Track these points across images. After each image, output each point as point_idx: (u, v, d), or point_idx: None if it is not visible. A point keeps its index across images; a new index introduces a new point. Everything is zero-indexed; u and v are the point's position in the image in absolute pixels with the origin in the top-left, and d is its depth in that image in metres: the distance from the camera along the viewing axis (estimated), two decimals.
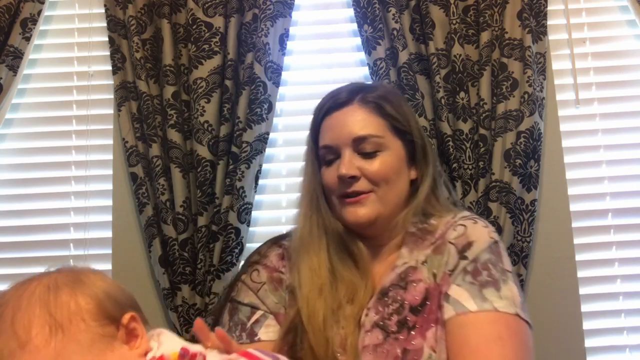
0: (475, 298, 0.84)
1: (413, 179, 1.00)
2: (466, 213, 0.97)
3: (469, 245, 0.89)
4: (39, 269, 1.78)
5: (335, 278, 0.92)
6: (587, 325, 1.54)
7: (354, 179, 0.93)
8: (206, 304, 1.50)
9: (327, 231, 0.96)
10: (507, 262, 0.90)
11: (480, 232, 0.91)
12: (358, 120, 0.96)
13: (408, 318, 0.86)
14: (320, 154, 0.99)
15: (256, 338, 0.92)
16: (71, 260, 1.64)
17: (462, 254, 0.89)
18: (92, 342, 0.62)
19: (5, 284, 1.79)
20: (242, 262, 1.56)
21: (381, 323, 0.86)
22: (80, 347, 0.61)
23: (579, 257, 1.57)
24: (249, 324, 0.94)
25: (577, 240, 1.58)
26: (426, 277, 0.89)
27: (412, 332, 0.84)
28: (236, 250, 1.52)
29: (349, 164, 0.94)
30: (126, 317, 0.66)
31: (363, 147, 0.95)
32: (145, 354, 0.65)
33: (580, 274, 1.56)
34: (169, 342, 0.68)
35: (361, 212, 0.93)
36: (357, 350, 0.85)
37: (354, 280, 0.92)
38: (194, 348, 0.65)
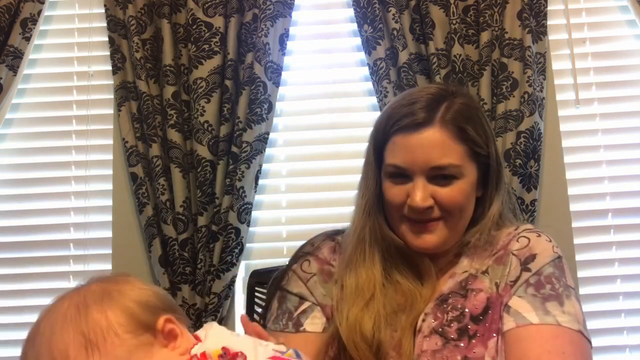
0: (538, 310, 0.81)
1: (478, 196, 0.94)
2: (529, 226, 0.94)
3: (532, 257, 0.87)
4: (39, 269, 1.79)
5: (390, 286, 0.89)
6: (587, 325, 1.53)
7: (428, 209, 0.87)
8: (206, 304, 1.50)
9: (381, 242, 0.91)
10: (570, 279, 0.88)
11: (544, 246, 0.89)
12: (437, 147, 0.87)
13: (469, 326, 0.84)
14: (387, 169, 0.91)
15: (301, 328, 0.91)
16: (71, 261, 1.65)
17: (524, 266, 0.87)
18: (130, 354, 0.62)
19: (5, 284, 1.78)
20: (241, 262, 1.57)
21: (440, 329, 0.85)
22: None
23: (579, 257, 1.57)
24: (295, 314, 0.92)
25: (577, 240, 1.58)
26: (487, 287, 0.87)
27: (474, 341, 0.83)
28: (236, 250, 1.52)
29: (424, 194, 0.87)
30: (160, 322, 0.65)
31: (439, 174, 0.88)
32: (189, 350, 0.65)
33: (580, 274, 1.56)
34: (214, 337, 0.67)
35: (430, 240, 0.89)
36: (412, 354, 0.84)
37: (413, 291, 0.88)
38: (238, 346, 0.65)
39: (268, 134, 1.58)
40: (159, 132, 1.58)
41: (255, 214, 1.60)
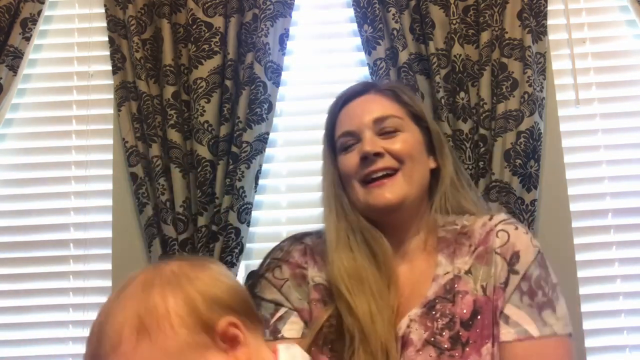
0: (537, 322, 0.85)
1: (433, 167, 0.99)
2: (504, 216, 0.96)
3: (516, 256, 0.89)
4: (39, 269, 1.79)
5: (363, 275, 0.90)
6: (587, 325, 1.54)
7: (378, 156, 0.92)
8: None
9: (354, 230, 0.94)
10: (553, 274, 0.92)
11: (525, 241, 0.91)
12: (376, 103, 0.97)
13: (460, 333, 0.85)
14: (339, 143, 0.98)
15: (279, 335, 0.90)
16: (71, 260, 1.65)
17: (511, 267, 0.89)
18: (181, 351, 0.55)
19: (5, 284, 1.79)
20: (240, 263, 1.57)
21: (432, 339, 0.84)
22: (166, 356, 0.55)
23: (579, 257, 1.57)
24: (272, 321, 0.92)
25: (577, 240, 1.58)
26: (472, 289, 0.88)
27: (467, 349, 0.84)
28: (236, 251, 1.52)
29: (372, 142, 0.93)
30: (221, 324, 0.57)
31: (384, 127, 0.94)
32: None
33: (580, 274, 1.56)
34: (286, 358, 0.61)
35: (388, 194, 0.91)
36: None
37: (376, 279, 0.89)
38: None
39: (268, 134, 1.58)
40: (159, 132, 1.58)
41: (255, 214, 1.59)
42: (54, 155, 1.70)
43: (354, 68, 1.69)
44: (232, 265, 1.51)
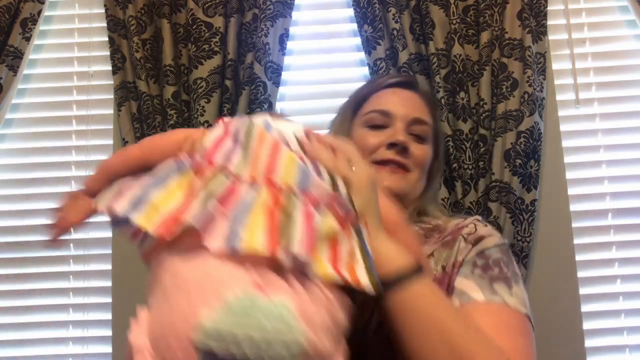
0: (485, 290, 0.78)
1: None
2: (479, 218, 0.95)
3: (480, 238, 0.87)
4: (39, 269, 1.78)
5: None
6: (587, 325, 1.54)
7: (405, 151, 0.94)
8: None
9: None
10: (517, 269, 0.86)
11: (492, 233, 0.89)
12: (420, 106, 1.00)
13: None
14: (367, 117, 0.98)
15: None
16: (71, 260, 1.65)
17: (473, 245, 0.86)
18: None
19: (5, 284, 1.78)
20: None
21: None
22: None
23: (579, 257, 1.57)
24: None
25: (577, 240, 1.58)
26: (432, 269, 0.85)
27: None
28: None
29: (406, 135, 0.95)
30: None
31: (416, 130, 0.97)
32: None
33: (580, 274, 1.56)
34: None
35: (402, 183, 0.94)
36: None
37: None
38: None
39: None
40: (159, 132, 1.58)
41: None
42: (54, 155, 1.70)
43: (353, 68, 1.69)
44: None
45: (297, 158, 0.64)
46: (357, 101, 1.03)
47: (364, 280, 0.58)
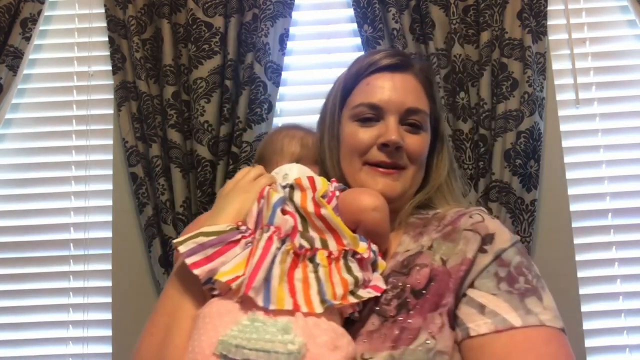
0: (518, 310, 0.72)
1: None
2: (484, 209, 0.88)
3: (490, 237, 0.79)
4: (39, 269, 1.79)
5: None
6: (587, 325, 1.54)
7: (398, 149, 0.87)
8: None
9: None
10: (535, 267, 0.80)
11: (501, 228, 0.82)
12: (414, 92, 0.90)
13: (408, 300, 0.76)
14: (355, 111, 0.90)
15: None
16: (71, 261, 1.65)
17: (482, 246, 0.78)
18: None
19: (5, 284, 1.79)
20: None
21: (377, 308, 0.76)
22: None
23: (579, 257, 1.57)
24: None
25: (577, 240, 1.58)
26: (431, 261, 0.79)
27: (411, 312, 0.74)
28: None
29: (398, 131, 0.87)
30: None
31: (411, 119, 0.89)
32: None
33: (580, 274, 1.56)
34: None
35: (397, 186, 0.87)
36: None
37: None
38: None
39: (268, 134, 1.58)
40: (159, 132, 1.58)
41: None
42: (54, 155, 1.70)
43: None
44: None
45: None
46: (345, 89, 0.94)
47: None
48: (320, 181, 0.81)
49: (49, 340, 1.62)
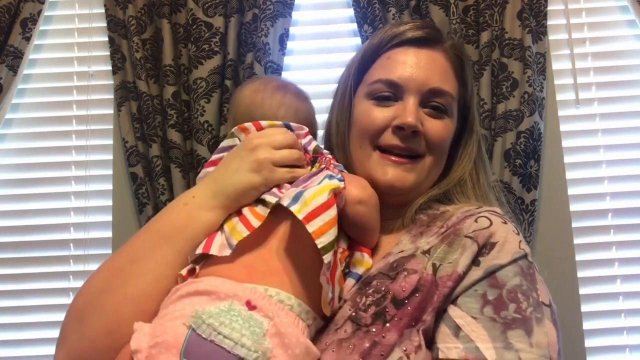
0: (496, 342, 0.62)
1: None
2: (498, 210, 0.76)
3: (490, 245, 0.69)
4: (39, 269, 1.78)
5: None
6: (587, 325, 1.54)
7: (415, 134, 0.78)
8: None
9: None
10: (543, 291, 0.68)
11: (509, 236, 0.70)
12: (440, 70, 0.80)
13: (387, 310, 0.66)
14: (371, 87, 0.81)
15: None
16: (71, 261, 1.65)
17: (476, 257, 0.68)
18: None
19: (5, 284, 1.78)
20: None
21: (354, 315, 0.68)
22: None
23: (579, 257, 1.57)
24: None
25: (577, 240, 1.58)
26: (422, 268, 0.69)
27: (387, 325, 0.65)
28: None
29: (416, 114, 0.77)
30: None
31: (435, 101, 0.79)
32: None
33: (580, 274, 1.56)
34: None
35: (409, 177, 0.78)
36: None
37: None
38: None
39: None
40: (159, 132, 1.58)
41: None
42: (54, 155, 1.70)
43: None
44: None
45: None
46: (364, 61, 0.84)
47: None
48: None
49: (49, 341, 1.62)
